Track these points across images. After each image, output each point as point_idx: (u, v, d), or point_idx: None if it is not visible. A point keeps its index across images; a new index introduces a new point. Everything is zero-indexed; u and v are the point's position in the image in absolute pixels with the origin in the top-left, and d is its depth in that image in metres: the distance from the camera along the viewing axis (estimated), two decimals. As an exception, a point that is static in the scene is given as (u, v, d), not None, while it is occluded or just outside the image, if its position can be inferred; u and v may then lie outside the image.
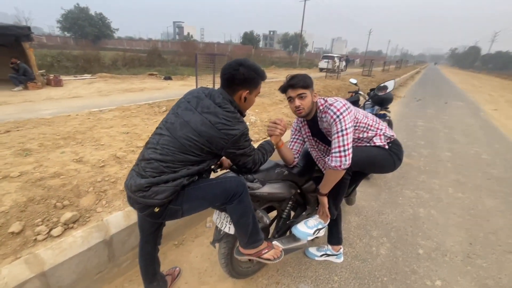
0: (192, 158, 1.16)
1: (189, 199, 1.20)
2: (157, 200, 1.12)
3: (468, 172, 3.77)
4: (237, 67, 1.18)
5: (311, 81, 1.47)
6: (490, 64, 76.37)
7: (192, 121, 1.14)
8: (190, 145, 1.13)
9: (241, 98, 1.23)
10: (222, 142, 1.14)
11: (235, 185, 1.24)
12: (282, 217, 1.67)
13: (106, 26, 41.24)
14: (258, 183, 1.35)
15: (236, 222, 1.29)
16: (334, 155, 1.38)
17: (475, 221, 2.62)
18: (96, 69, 13.49)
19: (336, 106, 1.41)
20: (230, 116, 1.15)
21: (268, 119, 4.14)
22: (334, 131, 1.39)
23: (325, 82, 9.50)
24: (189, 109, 1.18)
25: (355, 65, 36.82)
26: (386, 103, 3.47)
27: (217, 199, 1.25)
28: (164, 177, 1.12)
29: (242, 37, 45.80)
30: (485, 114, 8.37)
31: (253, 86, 1.24)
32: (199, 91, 1.26)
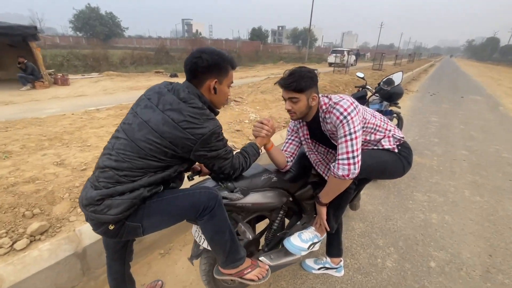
0: (154, 164, 0.98)
1: (151, 214, 1.03)
2: (110, 215, 0.94)
3: (487, 173, 3.46)
4: (198, 54, 1.02)
5: (310, 82, 1.23)
6: (510, 55, 72.74)
7: (152, 121, 0.97)
8: (151, 148, 0.96)
9: (210, 90, 1.06)
10: (189, 143, 0.97)
11: (206, 197, 1.06)
12: (273, 229, 1.49)
13: (116, 25, 41.84)
14: (239, 192, 1.17)
15: (210, 240, 1.12)
16: (342, 162, 1.20)
17: (495, 228, 2.36)
18: (105, 68, 13.62)
19: (342, 105, 1.21)
20: (197, 113, 0.98)
21: (269, 116, 3.94)
22: (340, 134, 1.20)
23: (332, 77, 9.16)
24: (149, 107, 1.01)
25: (366, 59, 35.82)
26: (396, 98, 3.20)
27: (184, 214, 1.08)
28: (119, 188, 0.95)
29: (250, 33, 45.38)
30: (504, 109, 7.86)
31: (222, 73, 1.07)
32: (161, 86, 1.08)
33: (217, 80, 1.06)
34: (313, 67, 7.44)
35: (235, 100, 4.60)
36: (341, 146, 1.21)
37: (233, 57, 1.12)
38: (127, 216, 0.99)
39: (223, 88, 1.10)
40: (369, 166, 1.30)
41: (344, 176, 1.20)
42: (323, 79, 8.10)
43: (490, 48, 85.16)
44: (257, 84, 7.26)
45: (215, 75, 1.05)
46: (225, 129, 3.28)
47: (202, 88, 1.05)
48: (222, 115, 3.73)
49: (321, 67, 19.95)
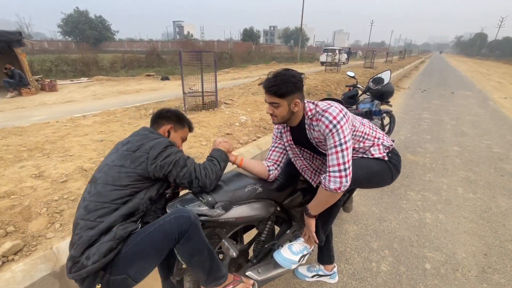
0: (118, 193, 1.00)
1: (132, 261, 0.97)
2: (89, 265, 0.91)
3: (479, 169, 3.46)
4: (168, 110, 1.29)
5: (292, 87, 1.15)
6: (498, 50, 74.15)
7: (113, 157, 1.09)
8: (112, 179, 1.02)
9: (164, 132, 1.23)
10: (143, 158, 1.05)
11: (177, 222, 0.99)
12: (261, 240, 1.42)
13: (106, 29, 41.30)
14: (220, 208, 1.10)
15: (188, 262, 1.05)
16: (333, 175, 1.14)
17: (489, 226, 2.34)
18: (95, 72, 13.40)
19: (331, 112, 1.14)
20: (146, 136, 1.13)
21: (260, 119, 3.88)
22: (330, 144, 1.14)
23: (324, 76, 9.15)
24: (112, 152, 1.14)
25: (357, 57, 36.06)
26: (387, 96, 3.17)
27: (163, 248, 1.00)
28: (90, 232, 0.95)
29: (242, 33, 45.31)
30: (494, 103, 7.95)
31: (178, 124, 1.29)
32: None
33: (172, 126, 1.26)
34: (305, 66, 7.49)
35: (226, 102, 4.53)
36: (331, 158, 1.14)
37: (191, 123, 1.38)
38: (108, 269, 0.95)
39: (176, 136, 1.28)
40: (359, 177, 1.24)
41: (336, 190, 1.14)
42: (316, 79, 8.09)
43: (478, 44, 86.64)
44: (248, 85, 7.19)
45: (172, 123, 1.26)
46: (215, 132, 3.21)
47: (159, 129, 1.24)
48: (212, 119, 3.66)
49: (313, 66, 20.03)
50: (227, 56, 20.96)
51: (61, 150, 2.39)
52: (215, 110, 4.12)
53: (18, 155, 2.22)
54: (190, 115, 3.73)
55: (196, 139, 2.97)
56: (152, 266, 1.03)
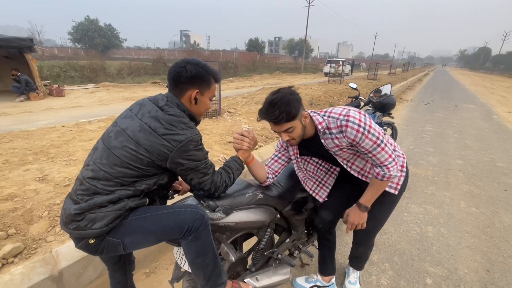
0: (129, 173, 0.96)
1: (132, 231, 0.99)
2: (95, 229, 0.92)
3: (483, 183, 3.43)
4: (183, 65, 1.03)
5: (296, 104, 1.10)
6: (502, 65, 74.29)
7: (129, 128, 0.97)
8: (126, 155, 0.94)
9: (191, 100, 1.06)
10: (165, 150, 0.94)
11: (191, 217, 1.01)
12: (260, 247, 1.42)
13: (115, 37, 42.31)
14: (220, 212, 1.11)
15: (191, 262, 1.06)
16: (391, 165, 1.16)
17: (492, 241, 2.30)
18: (102, 79, 13.67)
19: (354, 116, 1.11)
20: (174, 120, 0.97)
21: (262, 127, 3.92)
22: (371, 145, 1.11)
23: (327, 87, 9.23)
24: (129, 116, 1.02)
25: (361, 69, 36.35)
26: (388, 108, 3.19)
27: (168, 234, 1.03)
28: (98, 200, 0.93)
29: (247, 44, 46.10)
30: (498, 117, 7.92)
31: (204, 85, 1.06)
32: (145, 99, 1.09)
33: (199, 91, 1.05)
34: (309, 76, 7.57)
35: (229, 111, 4.58)
36: (381, 155, 1.13)
37: (217, 71, 1.11)
38: (109, 231, 0.96)
39: (204, 100, 1.09)
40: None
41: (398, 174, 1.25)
42: (318, 89, 8.15)
43: (482, 57, 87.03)
44: (251, 94, 7.27)
45: (197, 86, 1.05)
46: (217, 140, 3.24)
47: (183, 97, 1.05)
48: (215, 127, 3.70)
49: (317, 76, 20.21)
50: (232, 66, 21.28)
51: (65, 154, 2.43)
52: (218, 118, 4.17)
53: (23, 158, 2.27)
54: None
55: (198, 146, 2.99)
56: (148, 244, 1.05)
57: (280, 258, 1.44)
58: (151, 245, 1.06)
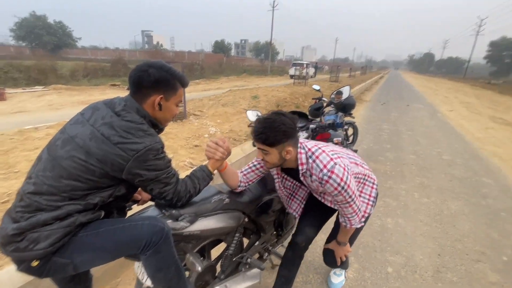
0: (80, 186, 0.86)
1: (83, 249, 0.89)
2: (38, 251, 0.81)
3: (432, 174, 3.79)
4: (145, 68, 0.94)
5: (281, 136, 1.09)
6: (444, 68, 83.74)
7: (79, 136, 0.87)
8: (75, 167, 0.84)
9: (154, 106, 0.97)
10: (120, 160, 0.86)
11: (150, 231, 0.93)
12: (229, 253, 1.38)
13: (67, 35, 38.80)
14: (184, 220, 1.05)
15: (152, 277, 0.99)
16: (353, 219, 1.27)
17: (442, 228, 2.54)
18: (52, 81, 12.43)
19: (338, 174, 1.10)
20: (131, 127, 0.88)
21: (230, 130, 3.87)
22: (342, 200, 1.19)
23: (293, 88, 9.51)
24: (79, 122, 0.92)
25: (324, 71, 38.13)
26: (349, 108, 3.36)
27: (124, 250, 0.94)
28: (41, 217, 0.82)
29: (213, 45, 45.57)
30: (442, 115, 8.85)
31: (169, 90, 0.98)
32: (100, 102, 0.98)
33: (163, 96, 0.98)
34: (275, 79, 7.69)
35: (195, 114, 4.46)
36: (347, 210, 1.23)
37: (184, 75, 1.04)
38: (56, 251, 0.84)
39: (169, 106, 1.02)
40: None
41: (360, 224, 1.31)
42: (284, 91, 8.35)
43: (427, 62, 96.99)
44: (218, 97, 7.19)
45: (162, 91, 0.97)
46: (182, 144, 3.12)
47: (145, 103, 0.97)
48: (180, 131, 3.57)
49: (283, 79, 20.70)
50: (198, 68, 20.84)
51: (4, 166, 2.13)
52: (183, 122, 4.03)
53: (-51, 173, 1.94)
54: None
55: (162, 151, 2.85)
56: (102, 262, 0.95)
57: (250, 262, 1.41)
58: (106, 262, 0.97)
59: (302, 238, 1.43)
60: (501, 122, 8.18)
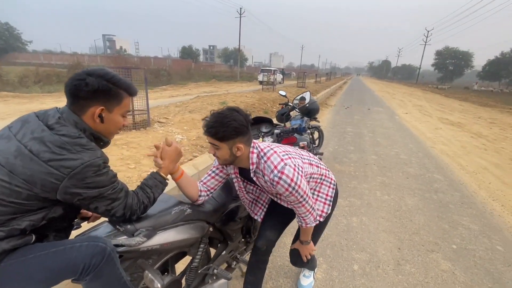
0: (2, 210, 0.77)
1: (8, 280, 0.79)
2: None
3: (391, 173, 4.06)
4: (83, 77, 0.86)
5: (231, 131, 1.09)
6: (399, 74, 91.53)
7: (2, 153, 0.79)
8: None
9: (94, 118, 0.89)
10: (52, 179, 0.77)
11: (88, 253, 0.85)
12: (193, 266, 1.33)
13: (15, 38, 35.47)
14: (141, 235, 0.99)
15: None
16: (307, 218, 1.30)
17: (401, 223, 2.71)
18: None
19: (288, 174, 1.12)
20: (66, 142, 0.80)
21: (197, 137, 3.79)
22: (293, 200, 1.20)
23: (261, 94, 9.65)
24: (5, 137, 0.82)
25: (291, 77, 39.38)
26: (314, 113, 3.49)
27: (57, 277, 0.85)
28: None
29: (180, 51, 44.72)
30: (399, 118, 9.60)
31: (111, 101, 0.91)
32: (31, 114, 0.88)
33: (105, 107, 0.90)
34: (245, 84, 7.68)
35: (159, 121, 4.29)
36: (300, 209, 1.26)
37: (130, 83, 0.97)
38: None
39: (113, 117, 0.93)
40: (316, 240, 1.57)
41: (315, 222, 1.34)
42: (253, 97, 8.43)
43: (385, 69, 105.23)
44: (185, 103, 7.02)
45: (102, 102, 0.89)
46: (146, 154, 2.97)
47: (84, 115, 0.88)
48: (143, 139, 3.40)
49: (252, 85, 20.93)
50: (164, 73, 20.22)
51: None
52: (147, 130, 3.85)
53: None
54: (118, 136, 3.39)
55: (123, 162, 2.68)
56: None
57: (216, 273, 1.37)
58: None
59: (263, 242, 1.43)
60: (447, 122, 9.11)
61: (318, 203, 1.42)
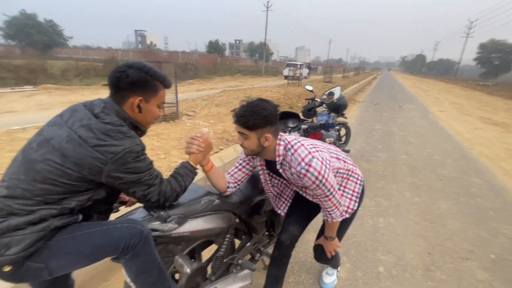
0: (55, 189, 0.84)
1: (58, 253, 0.87)
2: (10, 256, 0.79)
3: (423, 174, 3.84)
4: (124, 69, 0.93)
5: (261, 120, 1.10)
6: (435, 70, 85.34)
7: (55, 138, 0.85)
8: (49, 170, 0.82)
9: (133, 108, 0.96)
10: (98, 163, 0.84)
11: (127, 233, 0.92)
12: (220, 254, 1.37)
13: (58, 34, 38.15)
14: (173, 222, 1.04)
15: (134, 281, 0.98)
16: (333, 212, 1.28)
17: (432, 227, 2.57)
18: (42, 80, 12.19)
19: (315, 167, 1.11)
20: (110, 129, 0.87)
21: (223, 131, 3.86)
22: (320, 194, 1.19)
23: (286, 89, 9.54)
24: (57, 124, 0.90)
25: (317, 72, 38.40)
26: (341, 109, 3.39)
27: (101, 253, 0.93)
28: (13, 222, 0.80)
29: (207, 46, 45.41)
30: (433, 116, 8.99)
31: (149, 91, 0.97)
32: (79, 104, 0.96)
33: (143, 98, 0.96)
34: (270, 79, 7.69)
35: (187, 114, 4.43)
36: (326, 203, 1.24)
37: (166, 75, 1.03)
38: (30, 254, 0.82)
39: (150, 107, 1.00)
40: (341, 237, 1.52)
41: (342, 218, 1.32)
42: (278, 92, 8.36)
43: (419, 63, 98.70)
44: (212, 97, 7.16)
45: (141, 93, 0.95)
46: (174, 145, 3.09)
47: (124, 105, 0.96)
48: (172, 131, 3.54)
49: (277, 79, 20.74)
50: (191, 68, 20.74)
51: (-11, 167, 2.07)
52: (175, 122, 3.99)
53: None
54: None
55: (153, 152, 2.82)
56: (79, 266, 0.93)
57: (241, 264, 1.41)
58: (84, 266, 0.95)
59: (286, 236, 1.43)
60: (489, 123, 8.36)
61: (344, 199, 1.39)
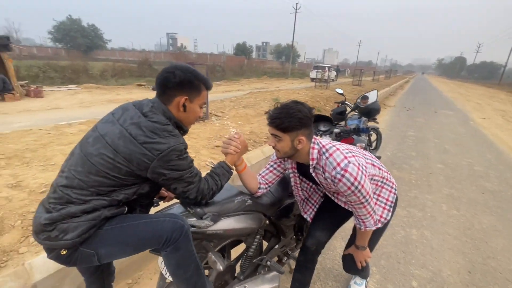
0: (107, 182, 0.91)
1: (107, 242, 0.94)
2: (67, 240, 0.87)
3: (462, 186, 3.57)
4: (172, 70, 0.99)
5: (296, 123, 1.09)
6: (476, 73, 78.86)
7: (109, 134, 0.92)
8: (103, 164, 0.89)
9: (179, 107, 1.01)
10: (145, 159, 0.90)
11: (170, 227, 0.97)
12: (249, 254, 1.39)
13: (99, 37, 41.20)
14: (208, 219, 1.07)
15: (172, 273, 1.02)
16: (367, 221, 1.25)
17: (472, 243, 2.38)
18: (84, 80, 13.23)
19: (351, 173, 1.08)
20: (157, 128, 0.92)
21: (250, 132, 3.90)
22: (355, 200, 1.17)
23: (314, 92, 9.39)
24: (110, 121, 0.96)
25: (346, 75, 37.32)
26: (373, 113, 3.26)
27: (145, 244, 0.99)
28: (71, 209, 0.88)
29: (235, 48, 46.22)
30: (474, 123, 8.33)
31: (193, 92, 1.02)
32: (129, 103, 1.03)
33: (188, 97, 1.01)
34: (296, 81, 7.64)
35: (216, 114, 4.54)
36: (361, 211, 1.21)
37: (208, 78, 1.09)
38: (83, 241, 0.90)
39: (193, 107, 1.05)
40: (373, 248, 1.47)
41: (375, 227, 1.27)
42: (305, 94, 8.26)
43: (458, 66, 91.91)
44: (239, 98, 7.26)
45: (186, 93, 1.00)
46: (204, 145, 3.18)
47: (170, 104, 1.01)
48: (202, 131, 3.65)
49: (304, 82, 20.52)
50: (219, 69, 21.24)
51: (42, 158, 2.29)
52: (205, 122, 4.11)
53: (-5, 163, 2.12)
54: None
55: (184, 150, 2.93)
56: (124, 255, 1.00)
57: (269, 265, 1.41)
58: (128, 256, 1.02)
59: (312, 242, 1.40)
60: (542, 133, 7.54)
61: (377, 207, 1.33)
